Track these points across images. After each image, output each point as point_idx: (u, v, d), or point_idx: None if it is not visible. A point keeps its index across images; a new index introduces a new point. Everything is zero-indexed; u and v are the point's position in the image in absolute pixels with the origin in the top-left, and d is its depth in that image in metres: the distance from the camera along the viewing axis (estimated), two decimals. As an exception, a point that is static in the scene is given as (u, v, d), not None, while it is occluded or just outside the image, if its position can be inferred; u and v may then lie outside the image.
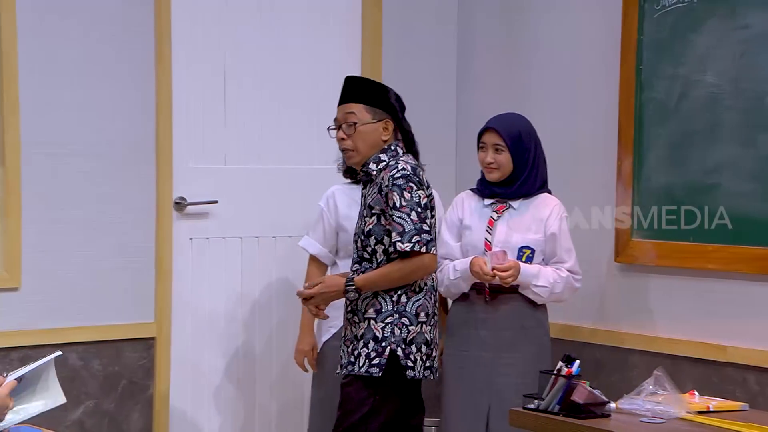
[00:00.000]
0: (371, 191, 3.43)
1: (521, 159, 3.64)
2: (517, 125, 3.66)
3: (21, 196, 3.77)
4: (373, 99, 3.45)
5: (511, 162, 3.63)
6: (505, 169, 3.64)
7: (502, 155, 3.63)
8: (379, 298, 3.39)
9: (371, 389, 3.36)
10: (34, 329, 3.79)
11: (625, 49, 4.01)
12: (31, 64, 3.79)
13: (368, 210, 3.41)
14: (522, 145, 3.63)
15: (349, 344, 3.43)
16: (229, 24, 4.21)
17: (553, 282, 3.61)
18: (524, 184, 3.65)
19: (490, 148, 3.64)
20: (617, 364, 4.02)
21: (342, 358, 3.45)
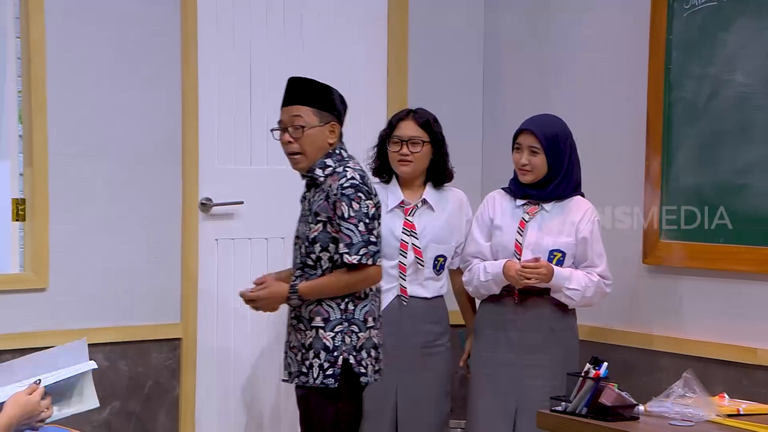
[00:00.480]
0: (317, 197, 3.38)
1: (556, 162, 3.63)
2: (554, 127, 3.66)
3: (48, 197, 3.81)
4: (320, 101, 3.40)
5: (545, 164, 3.63)
6: (539, 171, 3.64)
7: (537, 157, 3.63)
8: (325, 305, 3.37)
9: (330, 399, 3.37)
10: (61, 329, 3.82)
11: (654, 48, 4.01)
12: (58, 65, 3.82)
13: (314, 217, 3.37)
14: (558, 148, 3.62)
15: (296, 352, 3.41)
16: (255, 25, 4.23)
17: (585, 286, 3.61)
18: (558, 187, 3.65)
19: (525, 150, 3.64)
20: (646, 367, 4.02)
21: (290, 366, 3.44)
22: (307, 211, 3.42)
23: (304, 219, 3.44)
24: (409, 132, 3.77)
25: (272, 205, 4.28)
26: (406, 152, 3.76)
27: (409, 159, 3.76)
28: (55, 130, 3.83)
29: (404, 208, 3.80)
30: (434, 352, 3.82)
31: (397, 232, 3.78)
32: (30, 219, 3.83)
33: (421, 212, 3.81)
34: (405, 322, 3.79)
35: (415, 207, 3.80)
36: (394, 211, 3.80)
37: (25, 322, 3.79)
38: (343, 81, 4.42)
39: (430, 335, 3.81)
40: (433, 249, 3.79)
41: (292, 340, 3.44)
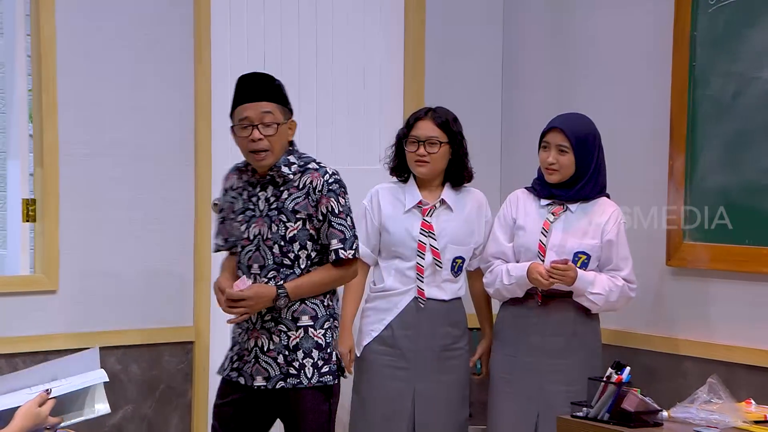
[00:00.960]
0: (292, 195, 3.32)
1: (584, 162, 3.60)
2: (583, 126, 3.63)
3: (59, 197, 3.82)
4: (282, 97, 3.38)
5: (573, 164, 3.59)
6: (567, 171, 3.61)
7: (565, 157, 3.60)
8: (310, 303, 3.34)
9: (325, 396, 3.35)
10: (72, 332, 3.83)
11: (678, 45, 3.98)
12: (69, 64, 3.83)
13: (292, 215, 3.32)
14: (587, 148, 3.60)
15: (275, 355, 3.32)
16: (268, 25, 4.23)
17: (609, 290, 3.58)
18: (584, 188, 3.63)
19: (553, 149, 3.61)
20: (670, 371, 3.99)
21: (267, 370, 3.33)
22: (273, 210, 3.35)
23: (268, 218, 3.34)
24: (427, 132, 3.75)
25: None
26: (423, 153, 3.74)
27: (426, 160, 3.74)
28: (66, 129, 3.84)
29: (422, 209, 3.78)
30: (453, 356, 3.81)
31: (415, 232, 3.76)
32: (40, 220, 3.83)
33: (439, 213, 3.79)
34: (422, 325, 3.77)
35: (434, 207, 3.79)
36: (412, 211, 3.79)
37: (36, 324, 3.80)
38: (359, 79, 4.45)
39: (449, 338, 3.80)
40: (451, 250, 3.78)
41: (265, 344, 3.34)
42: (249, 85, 3.36)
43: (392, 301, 3.78)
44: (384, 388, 3.76)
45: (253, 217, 3.37)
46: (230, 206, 3.43)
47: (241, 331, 3.40)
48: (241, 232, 3.38)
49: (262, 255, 3.35)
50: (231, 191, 3.43)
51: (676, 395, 3.77)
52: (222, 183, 3.49)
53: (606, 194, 3.70)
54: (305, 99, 4.31)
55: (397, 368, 3.77)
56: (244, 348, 3.38)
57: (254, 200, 3.38)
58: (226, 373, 3.41)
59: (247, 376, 3.37)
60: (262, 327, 3.35)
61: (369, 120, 4.46)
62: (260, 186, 3.37)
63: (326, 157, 4.35)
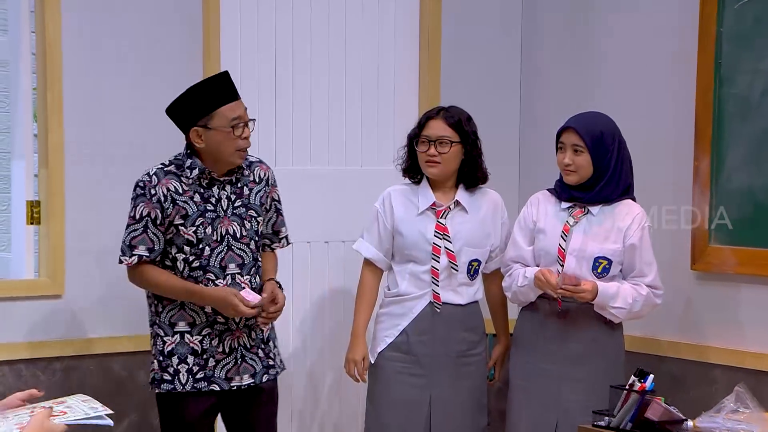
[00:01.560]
0: (253, 189, 3.47)
1: (602, 162, 3.56)
2: (598, 125, 3.59)
3: (64, 199, 3.79)
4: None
5: (590, 164, 3.56)
6: (584, 171, 3.57)
7: (581, 157, 3.56)
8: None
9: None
10: (77, 338, 3.81)
11: (703, 41, 3.95)
12: (74, 62, 3.81)
13: (262, 210, 3.49)
14: (603, 147, 3.55)
15: (256, 350, 3.47)
16: (280, 20, 4.21)
17: (632, 302, 3.53)
18: (604, 189, 3.58)
19: (568, 149, 3.58)
20: (695, 380, 3.96)
21: (254, 367, 3.46)
22: (240, 208, 3.42)
23: (237, 216, 3.42)
24: (438, 132, 3.72)
25: (297, 208, 4.23)
26: (434, 153, 3.71)
27: (437, 160, 3.71)
28: (72, 129, 3.82)
29: (436, 211, 3.75)
30: (470, 362, 3.78)
31: (429, 235, 3.73)
32: (45, 222, 3.81)
33: (454, 214, 3.76)
34: (438, 330, 3.74)
35: (448, 209, 3.75)
36: (426, 213, 3.76)
37: (40, 330, 3.78)
38: (373, 79, 4.43)
39: (465, 344, 3.77)
40: (467, 253, 3.74)
41: (246, 343, 3.44)
42: (227, 85, 3.39)
43: (407, 306, 3.76)
44: (399, 396, 3.73)
45: (217, 218, 3.39)
46: (175, 212, 3.38)
47: (213, 337, 3.41)
48: (209, 235, 3.38)
49: (238, 254, 3.40)
50: (177, 195, 3.39)
51: (702, 404, 3.73)
52: (145, 190, 3.39)
53: (631, 196, 3.65)
54: (317, 99, 4.31)
55: (413, 375, 3.74)
56: (217, 352, 3.41)
57: (213, 201, 3.40)
58: (191, 386, 3.41)
59: (221, 380, 3.41)
60: (245, 326, 3.43)
61: (383, 120, 4.44)
62: (217, 186, 3.40)
63: (339, 158, 4.39)
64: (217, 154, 3.38)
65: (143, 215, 3.37)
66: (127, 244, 3.40)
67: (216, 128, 3.35)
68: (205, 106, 3.36)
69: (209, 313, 3.41)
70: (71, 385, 3.82)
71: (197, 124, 3.37)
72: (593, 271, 3.55)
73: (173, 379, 3.41)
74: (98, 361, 3.85)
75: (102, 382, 3.86)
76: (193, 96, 3.39)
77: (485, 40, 4.61)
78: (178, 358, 3.41)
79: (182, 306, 3.41)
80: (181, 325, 3.42)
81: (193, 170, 3.40)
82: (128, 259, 3.39)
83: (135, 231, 3.39)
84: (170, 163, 3.44)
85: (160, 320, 3.43)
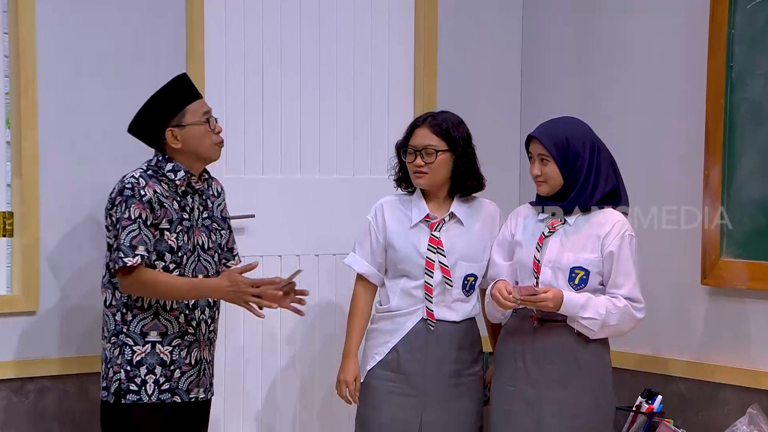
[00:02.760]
0: (215, 203, 3.59)
1: (571, 169, 3.52)
2: (563, 131, 3.54)
3: (39, 210, 3.77)
4: None
5: (559, 174, 3.53)
6: (554, 181, 3.54)
7: (548, 167, 3.53)
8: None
9: None
10: (53, 357, 3.78)
11: (714, 44, 3.93)
12: (50, 64, 3.78)
13: (224, 222, 3.62)
14: (571, 154, 3.51)
15: (211, 366, 3.62)
16: (267, 22, 4.20)
17: (606, 313, 3.47)
18: (578, 197, 3.54)
19: (536, 159, 3.56)
20: (705, 401, 3.93)
21: (208, 381, 3.60)
22: (207, 219, 3.54)
23: (205, 228, 3.54)
24: (423, 141, 3.69)
25: (287, 219, 4.26)
26: (420, 163, 3.69)
27: (424, 170, 3.68)
28: (47, 136, 3.79)
29: (430, 223, 3.71)
30: (464, 382, 3.74)
31: (422, 248, 3.70)
32: (18, 235, 3.78)
33: (449, 227, 3.73)
34: (431, 349, 3.71)
35: (442, 221, 3.72)
36: (419, 226, 3.72)
37: (14, 349, 3.75)
38: (365, 81, 4.43)
39: (460, 363, 3.73)
40: (462, 267, 3.71)
41: (207, 356, 3.58)
42: (190, 84, 3.55)
43: (398, 322, 3.73)
44: (388, 417, 3.70)
45: (191, 227, 3.50)
46: (163, 215, 3.45)
47: (182, 348, 3.47)
48: (185, 243, 3.47)
49: (204, 265, 3.51)
50: (163, 198, 3.45)
51: (713, 427, 3.72)
52: (135, 192, 3.41)
53: (614, 204, 3.57)
54: (307, 103, 4.30)
55: (403, 395, 3.71)
56: (184, 363, 3.48)
57: (188, 209, 3.50)
58: (156, 398, 3.45)
59: (183, 392, 3.49)
60: (207, 338, 3.56)
61: (376, 126, 4.43)
62: (190, 195, 3.52)
63: (330, 167, 4.38)
64: (197, 150, 3.48)
65: (136, 216, 3.41)
66: (128, 245, 3.39)
67: (191, 124, 3.46)
68: (175, 105, 3.47)
69: (181, 323, 3.47)
70: (45, 408, 3.78)
71: (171, 125, 3.46)
72: (570, 282, 3.50)
73: (140, 389, 3.44)
74: (76, 382, 3.83)
75: (80, 405, 3.84)
76: (160, 100, 3.50)
77: (484, 40, 4.59)
78: (146, 368, 3.45)
79: (156, 315, 3.45)
80: (153, 335, 3.46)
81: (178, 173, 3.48)
82: (132, 260, 3.38)
83: (133, 231, 3.41)
84: (148, 168, 3.50)
85: (129, 329, 3.45)
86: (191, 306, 3.50)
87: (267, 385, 4.26)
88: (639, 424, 3.15)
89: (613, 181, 3.57)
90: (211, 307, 3.57)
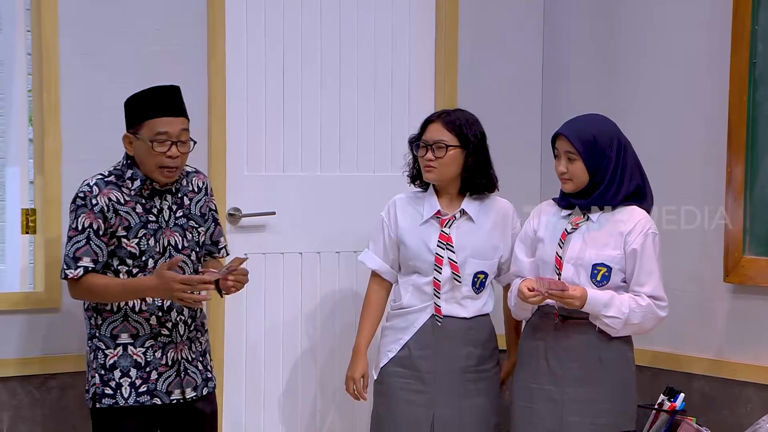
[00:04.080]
0: (194, 199, 3.56)
1: (598, 167, 3.54)
2: (591, 128, 3.56)
3: (61, 207, 3.79)
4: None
5: (585, 171, 3.54)
6: (580, 179, 3.56)
7: (574, 164, 3.55)
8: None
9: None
10: (76, 354, 3.81)
11: (737, 40, 3.94)
12: (72, 62, 3.81)
13: (202, 219, 3.57)
14: (598, 152, 3.53)
15: (197, 363, 3.56)
16: (287, 21, 4.23)
17: (629, 311, 3.49)
18: (604, 194, 3.56)
19: (563, 157, 3.58)
20: (728, 399, 3.94)
21: (194, 380, 3.54)
22: (181, 218, 3.52)
23: (179, 227, 3.51)
24: (434, 135, 3.74)
25: (307, 216, 4.28)
26: (431, 157, 3.73)
27: (434, 165, 3.73)
28: (69, 133, 3.82)
29: (440, 219, 3.75)
30: (478, 378, 3.77)
31: (432, 245, 3.74)
32: (41, 231, 3.82)
33: (460, 224, 3.77)
34: (441, 345, 3.75)
35: (453, 218, 3.76)
36: (430, 222, 3.77)
37: (36, 346, 3.78)
38: (386, 78, 4.44)
39: (472, 359, 3.77)
40: (472, 264, 3.75)
41: (188, 355, 3.53)
42: (168, 98, 3.46)
43: (409, 319, 3.77)
44: (401, 413, 3.74)
45: (159, 229, 3.49)
46: (118, 223, 3.44)
47: (156, 349, 3.47)
48: (152, 246, 3.46)
49: (180, 265, 3.48)
50: (119, 206, 3.44)
51: (736, 425, 3.73)
52: (86, 201, 3.42)
53: (638, 202, 3.59)
54: (327, 101, 4.32)
55: (415, 392, 3.75)
56: (160, 364, 3.48)
57: (155, 212, 3.49)
58: (134, 401, 3.45)
59: (163, 394, 3.48)
60: (187, 338, 3.53)
61: (397, 124, 4.44)
62: (158, 196, 3.49)
63: (351, 164, 4.39)
64: (141, 166, 3.47)
65: (85, 226, 3.41)
66: (71, 256, 3.42)
67: (141, 139, 3.44)
68: (139, 114, 3.45)
69: (153, 325, 3.47)
70: (68, 404, 3.82)
71: (129, 131, 3.46)
72: (592, 279, 3.53)
73: (115, 393, 3.44)
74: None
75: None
76: (135, 101, 3.47)
77: (505, 37, 4.61)
78: (120, 371, 3.45)
79: (125, 317, 3.46)
80: (124, 337, 3.46)
81: (135, 181, 3.47)
82: (74, 272, 3.41)
83: (78, 242, 3.41)
84: (110, 173, 3.50)
85: (101, 333, 3.46)
86: (165, 308, 3.47)
87: (286, 378, 4.29)
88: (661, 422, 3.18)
89: (638, 179, 3.60)
90: (190, 308, 3.52)
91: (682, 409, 3.06)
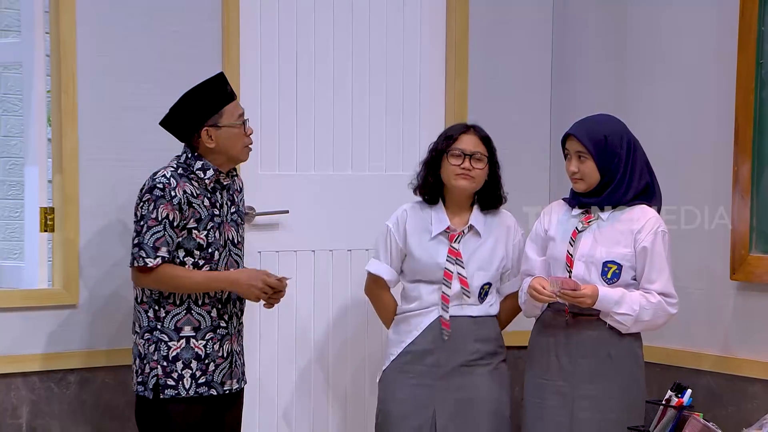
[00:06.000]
0: (240, 198, 3.70)
1: (609, 167, 3.58)
2: (601, 129, 3.61)
3: (79, 205, 3.85)
4: None
5: (596, 171, 3.59)
6: (591, 179, 3.60)
7: (585, 164, 3.59)
8: None
9: None
10: (93, 350, 3.87)
11: (743, 40, 3.96)
12: (90, 63, 3.86)
13: (245, 216, 3.79)
14: (609, 151, 3.57)
15: (242, 355, 3.72)
16: (301, 21, 4.27)
17: (639, 309, 3.53)
18: (614, 193, 3.60)
19: (573, 157, 3.62)
20: (734, 395, 3.97)
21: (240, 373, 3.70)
22: (234, 214, 3.65)
23: (234, 222, 3.66)
24: (473, 146, 3.79)
25: (320, 214, 4.32)
26: (469, 167, 3.77)
27: (472, 174, 3.78)
28: (87, 133, 3.87)
29: (449, 234, 3.81)
30: (483, 372, 3.81)
31: (441, 260, 3.79)
32: (59, 230, 3.87)
33: (468, 239, 3.82)
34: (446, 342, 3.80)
35: (462, 233, 3.83)
36: (438, 237, 3.82)
37: (54, 342, 3.84)
38: (397, 79, 4.45)
39: (479, 354, 3.81)
40: (479, 277, 3.81)
41: (237, 348, 3.68)
42: (227, 84, 3.62)
43: (412, 323, 3.84)
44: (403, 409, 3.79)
45: (222, 223, 3.61)
46: (191, 215, 3.54)
47: (215, 341, 3.58)
48: (217, 239, 3.58)
49: (235, 259, 3.63)
50: (193, 199, 3.55)
51: (743, 421, 3.75)
52: (165, 192, 3.51)
53: (647, 202, 3.63)
54: (340, 101, 4.35)
55: (418, 386, 3.80)
56: (218, 356, 3.59)
57: (218, 205, 3.59)
58: (194, 392, 3.56)
59: (218, 385, 3.60)
60: (237, 330, 3.67)
61: (408, 124, 4.47)
62: (218, 191, 3.61)
63: (363, 163, 4.41)
64: (229, 151, 3.58)
65: (163, 217, 3.50)
66: (151, 245, 3.50)
67: (226, 125, 3.56)
68: (213, 105, 3.56)
69: (213, 317, 3.57)
70: (86, 399, 3.88)
71: (207, 125, 3.54)
72: (603, 276, 3.57)
73: (177, 384, 3.54)
74: (115, 374, 3.91)
75: (118, 396, 3.92)
76: (197, 98, 3.56)
77: (515, 39, 4.63)
78: (182, 363, 3.55)
79: (188, 310, 3.55)
80: (187, 330, 3.56)
81: (207, 171, 3.56)
82: (153, 261, 3.50)
83: (158, 232, 3.50)
84: (177, 166, 3.58)
85: (164, 326, 3.54)
86: (224, 300, 3.59)
87: (298, 374, 4.32)
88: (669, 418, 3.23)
89: (647, 178, 3.63)
90: (242, 300, 3.67)
91: (690, 404, 3.10)
